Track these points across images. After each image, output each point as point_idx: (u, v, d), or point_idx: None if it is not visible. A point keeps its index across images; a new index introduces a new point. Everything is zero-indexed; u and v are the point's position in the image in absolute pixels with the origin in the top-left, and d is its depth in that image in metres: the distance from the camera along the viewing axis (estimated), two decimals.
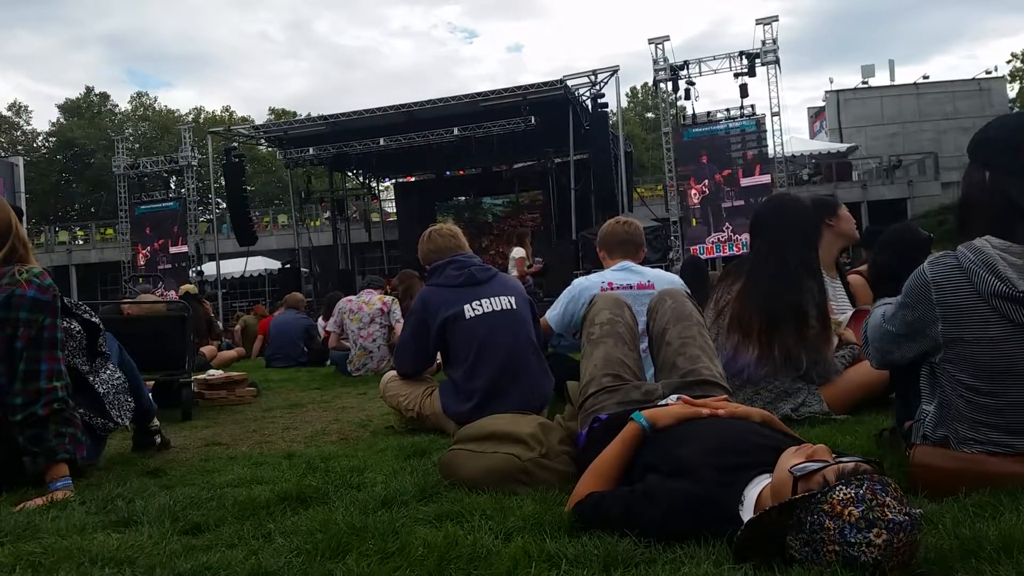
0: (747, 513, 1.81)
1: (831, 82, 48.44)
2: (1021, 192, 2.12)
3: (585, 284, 4.29)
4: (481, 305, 4.01)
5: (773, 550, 1.68)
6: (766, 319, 3.59)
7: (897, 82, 46.26)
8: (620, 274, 4.28)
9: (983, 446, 2.14)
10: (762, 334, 3.59)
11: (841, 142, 39.68)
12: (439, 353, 4.18)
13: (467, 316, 3.98)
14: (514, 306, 4.08)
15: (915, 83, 45.14)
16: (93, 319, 3.46)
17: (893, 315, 2.32)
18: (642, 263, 4.46)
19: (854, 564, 1.52)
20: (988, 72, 44.97)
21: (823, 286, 3.76)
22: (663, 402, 2.52)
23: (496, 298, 4.05)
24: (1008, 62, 44.83)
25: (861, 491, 1.55)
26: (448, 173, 25.83)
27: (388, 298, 8.13)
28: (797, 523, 1.62)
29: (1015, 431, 2.10)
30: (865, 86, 45.56)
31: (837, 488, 1.58)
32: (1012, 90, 44.28)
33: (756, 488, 1.86)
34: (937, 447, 2.25)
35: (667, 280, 4.32)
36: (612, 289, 4.08)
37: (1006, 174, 2.15)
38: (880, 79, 46.23)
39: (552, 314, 4.38)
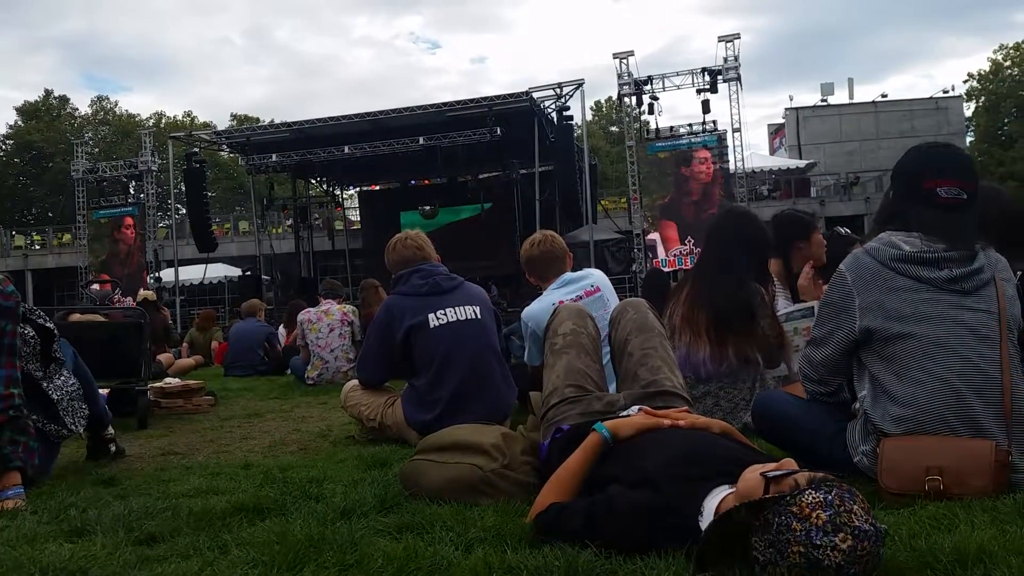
0: (706, 524, 1.82)
1: (791, 99, 49.44)
2: (914, 213, 2.55)
3: (537, 314, 4.14)
4: (446, 314, 4.00)
5: (735, 555, 1.69)
6: (713, 315, 3.70)
7: (856, 100, 47.14)
8: (563, 291, 4.26)
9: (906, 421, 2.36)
10: (711, 330, 3.69)
11: (800, 159, 40.29)
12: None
13: (431, 325, 3.97)
14: (479, 316, 4.07)
15: (873, 101, 46.08)
16: (48, 324, 3.40)
17: (818, 317, 2.69)
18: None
19: (817, 567, 1.54)
20: (946, 91, 46.06)
21: (770, 292, 3.90)
22: (624, 413, 2.53)
23: (461, 307, 4.04)
24: (965, 82, 46.00)
25: (830, 496, 1.58)
26: (413, 182, 25.80)
27: (348, 308, 8.09)
28: (764, 524, 1.63)
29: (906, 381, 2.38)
30: (824, 104, 46.39)
31: (807, 492, 1.60)
32: (968, 109, 45.34)
33: (715, 499, 1.87)
34: (897, 438, 2.35)
35: (599, 274, 4.40)
36: None
37: (901, 197, 2.61)
38: (839, 97, 47.14)
39: (529, 356, 4.32)
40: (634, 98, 19.78)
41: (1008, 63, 42.68)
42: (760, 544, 1.63)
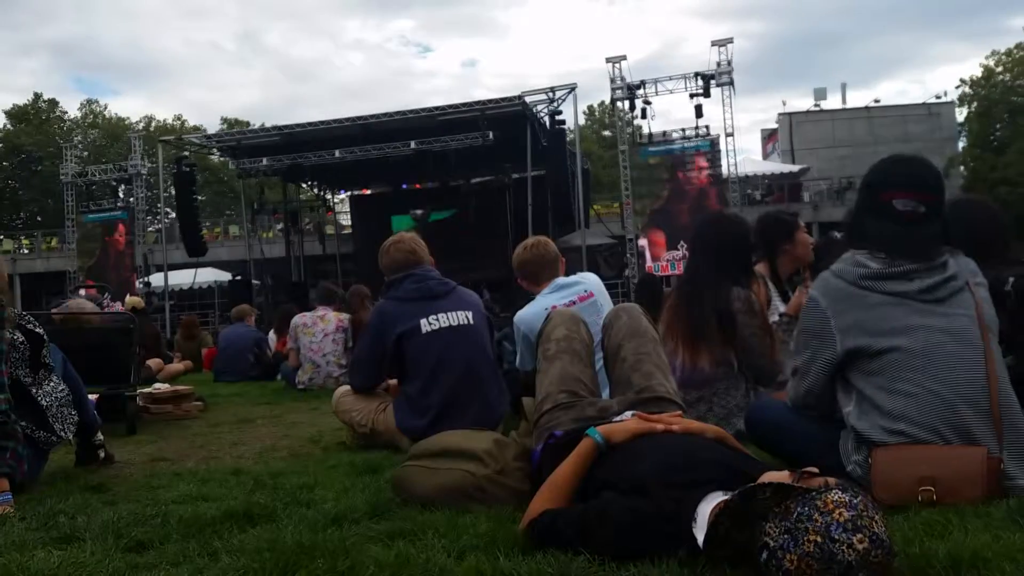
0: (700, 531, 1.81)
1: (784, 104, 49.45)
2: (871, 226, 2.57)
3: (530, 318, 4.08)
4: (438, 320, 3.98)
5: (742, 542, 1.70)
6: (690, 325, 3.74)
7: (849, 105, 47.32)
8: (556, 295, 4.20)
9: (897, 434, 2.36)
10: (687, 341, 3.73)
11: (793, 164, 40.36)
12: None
13: (423, 330, 3.95)
14: (471, 321, 4.06)
15: (866, 107, 46.21)
16: (37, 330, 3.38)
17: (796, 345, 2.69)
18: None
19: (830, 560, 1.55)
20: (938, 97, 46.25)
21: (763, 295, 3.95)
22: (618, 418, 2.52)
23: (453, 313, 4.03)
24: (957, 87, 46.19)
25: (855, 500, 1.60)
26: (404, 186, 25.81)
27: (344, 316, 8.08)
28: (784, 511, 1.64)
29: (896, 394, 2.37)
30: (817, 109, 46.52)
31: (834, 491, 1.63)
32: (960, 114, 45.53)
33: (709, 505, 1.86)
34: (889, 449, 2.34)
35: (593, 279, 4.37)
36: None
37: (861, 209, 2.64)
38: (832, 102, 47.29)
39: (521, 360, 4.27)
40: (627, 102, 19.82)
41: (1000, 69, 42.76)
42: (775, 530, 1.64)
